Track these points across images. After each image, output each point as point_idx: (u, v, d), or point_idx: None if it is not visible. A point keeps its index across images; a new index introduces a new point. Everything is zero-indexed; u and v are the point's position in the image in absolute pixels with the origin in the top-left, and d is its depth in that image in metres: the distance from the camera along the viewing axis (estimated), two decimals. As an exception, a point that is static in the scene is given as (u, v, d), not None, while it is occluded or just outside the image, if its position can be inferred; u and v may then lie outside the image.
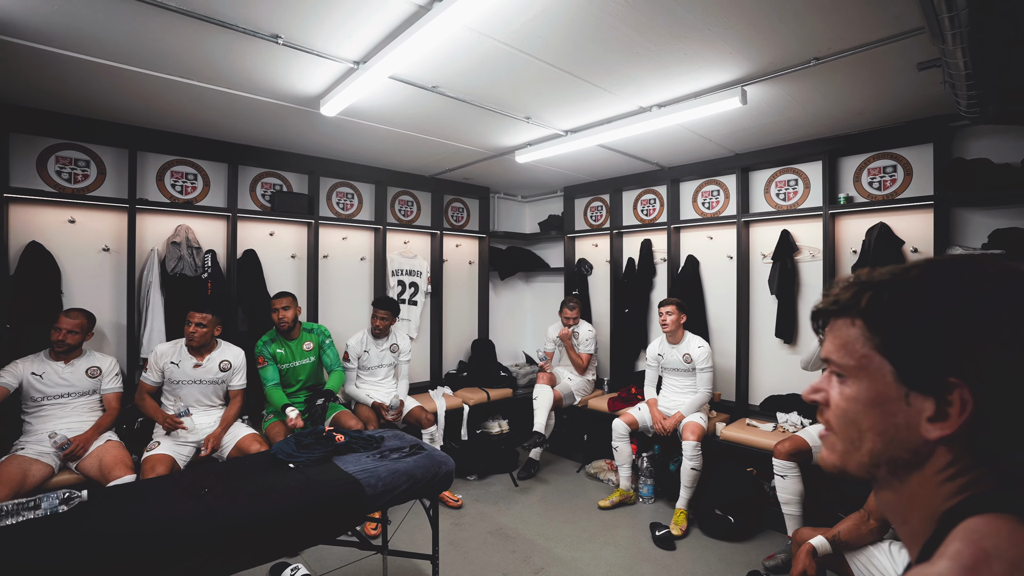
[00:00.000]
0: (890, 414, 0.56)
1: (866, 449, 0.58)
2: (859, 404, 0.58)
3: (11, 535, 1.44)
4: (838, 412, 0.61)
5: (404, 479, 1.91)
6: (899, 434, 0.56)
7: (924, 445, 0.55)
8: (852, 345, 0.59)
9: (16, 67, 2.34)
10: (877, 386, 0.57)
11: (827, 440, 0.64)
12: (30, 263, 2.86)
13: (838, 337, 0.61)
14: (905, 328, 0.56)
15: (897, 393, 0.56)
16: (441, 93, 2.62)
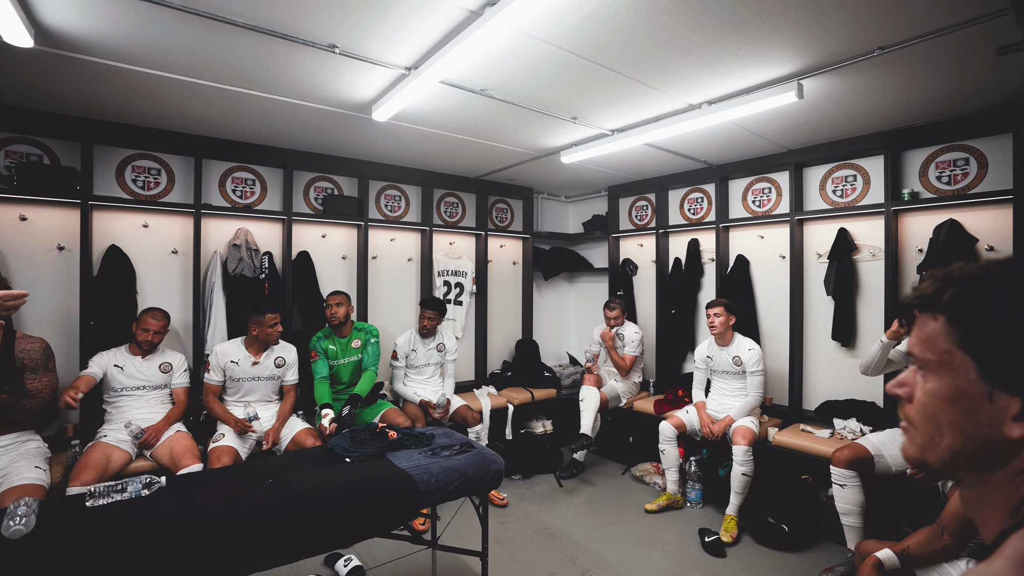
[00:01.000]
0: (971, 411, 0.56)
1: (946, 445, 0.58)
2: (939, 399, 0.58)
3: (104, 513, 1.58)
4: (918, 407, 0.61)
5: (456, 476, 1.95)
6: (980, 431, 0.55)
7: (1008, 444, 0.54)
8: (934, 340, 0.59)
9: (99, 84, 2.53)
10: (958, 382, 0.56)
11: (908, 433, 0.63)
12: (110, 265, 3.09)
13: (921, 332, 0.61)
14: (991, 326, 0.55)
15: (980, 390, 0.55)
16: (489, 96, 2.66)
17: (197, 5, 1.84)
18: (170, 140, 3.26)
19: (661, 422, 3.45)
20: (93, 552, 1.40)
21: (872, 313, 3.33)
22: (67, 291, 3.03)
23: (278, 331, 3.02)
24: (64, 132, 3.00)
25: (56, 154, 3.05)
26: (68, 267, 3.04)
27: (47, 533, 1.45)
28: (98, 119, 3.03)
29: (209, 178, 3.49)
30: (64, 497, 1.88)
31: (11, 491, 2.11)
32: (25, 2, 1.80)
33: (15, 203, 2.90)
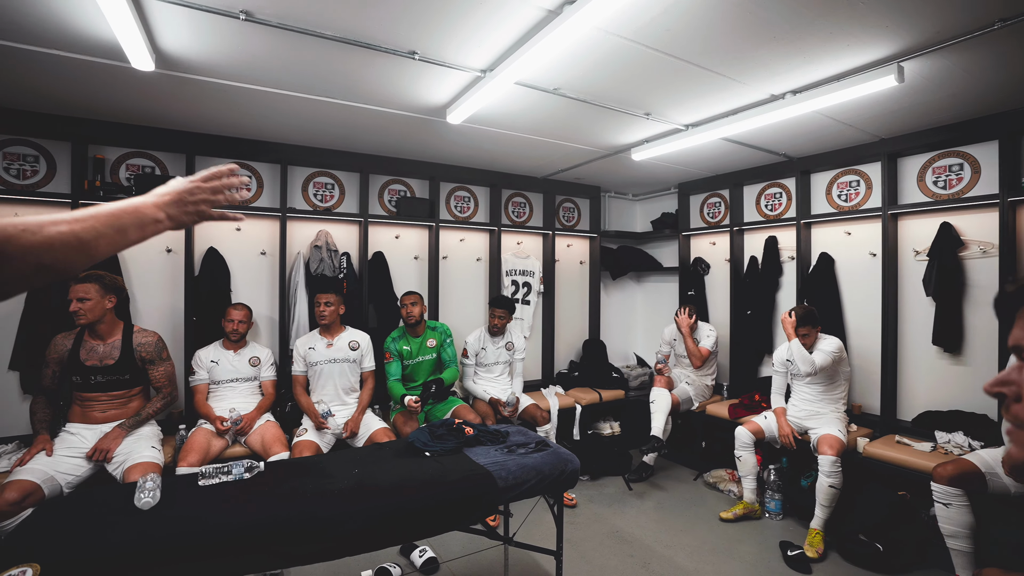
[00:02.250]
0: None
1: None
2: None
3: (213, 492, 1.73)
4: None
5: (532, 474, 1.96)
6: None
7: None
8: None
9: (203, 101, 2.76)
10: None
11: (1015, 436, 0.58)
12: (209, 266, 3.37)
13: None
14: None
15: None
16: (562, 95, 2.65)
17: (293, 22, 1.97)
18: (260, 149, 3.51)
19: (737, 428, 3.31)
20: (209, 526, 1.53)
21: (981, 316, 3.02)
22: (173, 290, 3.33)
23: (330, 310, 3.13)
24: (172, 145, 3.30)
25: (166, 165, 3.36)
26: (174, 268, 3.34)
27: (170, 506, 1.60)
28: (200, 132, 3.30)
29: (293, 183, 3.72)
30: (180, 476, 2.06)
31: (135, 467, 2.35)
32: (149, 30, 2.00)
33: (131, 210, 3.21)
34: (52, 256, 0.72)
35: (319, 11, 1.91)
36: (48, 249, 0.72)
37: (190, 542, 1.47)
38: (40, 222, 0.73)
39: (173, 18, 1.94)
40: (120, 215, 0.82)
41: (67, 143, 3.06)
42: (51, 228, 0.73)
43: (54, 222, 0.74)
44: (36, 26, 1.98)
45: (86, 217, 0.77)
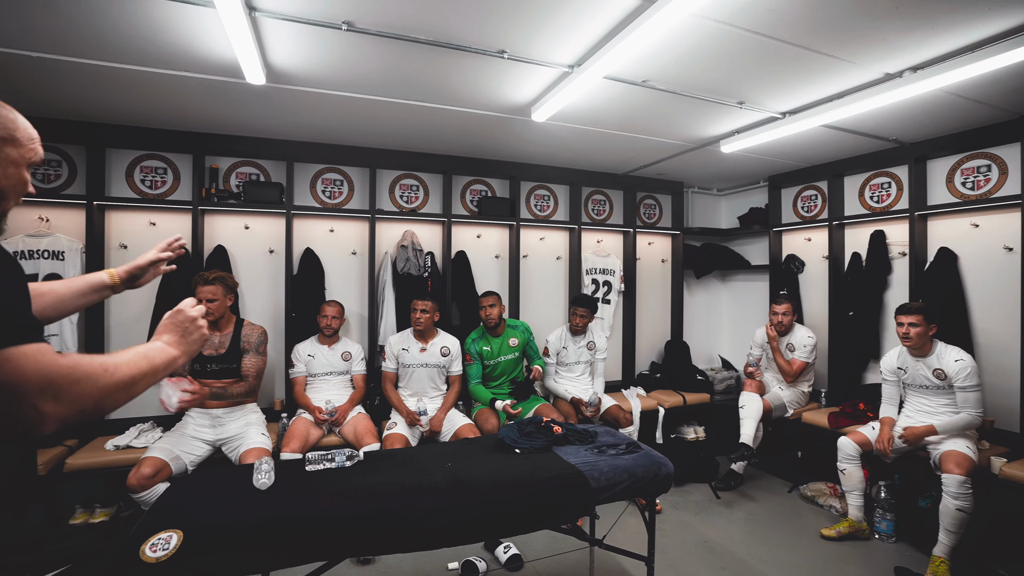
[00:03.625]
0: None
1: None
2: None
3: (318, 477, 1.84)
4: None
5: (625, 476, 1.91)
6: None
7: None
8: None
9: (301, 111, 2.95)
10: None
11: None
12: (306, 265, 3.59)
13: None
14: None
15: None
16: (650, 87, 2.57)
17: (390, 29, 2.05)
18: (351, 154, 3.70)
19: (841, 438, 3.05)
20: (318, 509, 1.62)
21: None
22: (275, 288, 3.58)
23: (426, 317, 3.21)
24: (274, 153, 3.55)
25: (268, 172, 3.63)
26: (276, 267, 3.59)
27: (283, 488, 1.72)
28: (297, 140, 3.53)
29: (381, 186, 3.88)
30: (286, 460, 2.21)
31: (249, 451, 2.56)
32: (262, 46, 2.16)
33: (241, 214, 3.52)
34: (112, 397, 0.83)
35: (415, 16, 1.97)
36: (117, 388, 0.83)
37: (302, 522, 1.56)
38: (113, 362, 0.84)
39: (282, 33, 2.07)
40: (154, 358, 0.95)
41: (189, 155, 3.39)
42: (122, 371, 0.84)
43: (120, 364, 0.85)
44: (168, 52, 2.20)
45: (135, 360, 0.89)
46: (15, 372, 0.70)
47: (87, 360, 0.79)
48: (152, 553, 1.36)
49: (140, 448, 2.78)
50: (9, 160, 0.91)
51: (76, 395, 0.75)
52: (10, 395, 0.69)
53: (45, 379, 0.72)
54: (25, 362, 0.71)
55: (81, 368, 0.77)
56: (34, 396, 0.71)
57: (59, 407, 0.73)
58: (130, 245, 3.30)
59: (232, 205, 3.38)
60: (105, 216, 3.27)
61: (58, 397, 0.73)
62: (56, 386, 0.73)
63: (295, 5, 1.89)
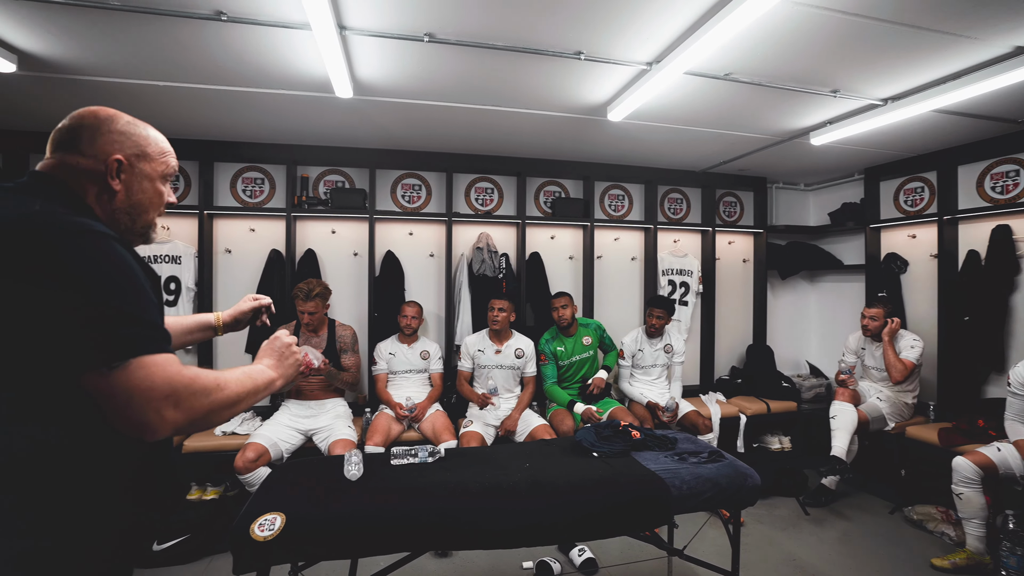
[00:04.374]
0: None
1: None
2: None
3: (404, 471, 1.93)
4: None
5: (708, 486, 1.84)
6: None
7: None
8: None
9: (384, 119, 3.09)
10: None
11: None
12: (387, 268, 3.77)
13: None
14: None
15: None
16: (733, 80, 2.46)
17: (469, 38, 2.10)
18: (429, 160, 3.83)
19: (956, 459, 2.75)
20: (404, 503, 1.70)
21: None
22: (359, 289, 3.79)
23: (503, 316, 3.28)
24: (357, 161, 3.76)
25: (352, 179, 3.84)
26: (359, 270, 3.80)
27: (370, 479, 1.82)
28: (379, 148, 3.71)
29: (457, 190, 3.99)
30: (371, 453, 2.33)
31: (337, 443, 2.74)
32: (350, 61, 2.29)
33: (328, 220, 3.75)
34: (220, 413, 0.89)
35: (493, 24, 2.01)
36: (225, 405, 0.90)
37: (389, 515, 1.64)
38: (225, 379, 0.91)
39: (368, 48, 2.19)
40: (257, 380, 1.02)
41: (283, 166, 3.66)
42: (231, 389, 0.91)
43: (231, 381, 0.92)
44: (268, 72, 2.39)
45: (241, 380, 0.96)
46: (147, 379, 0.77)
47: (204, 374, 0.87)
48: (260, 532, 1.49)
49: (243, 435, 3.04)
50: (144, 175, 0.97)
51: (192, 406, 0.82)
52: (140, 399, 0.77)
53: (170, 387, 0.79)
54: (156, 370, 0.78)
55: (199, 382, 0.84)
56: (159, 402, 0.78)
57: (177, 414, 0.80)
58: (233, 249, 3.63)
59: (320, 211, 3.61)
60: (213, 223, 3.60)
61: (178, 405, 0.80)
62: (178, 395, 0.80)
63: (380, 21, 1.99)
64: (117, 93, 2.62)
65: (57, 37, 2.09)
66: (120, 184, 0.94)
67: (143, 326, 0.80)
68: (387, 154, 3.76)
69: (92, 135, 0.92)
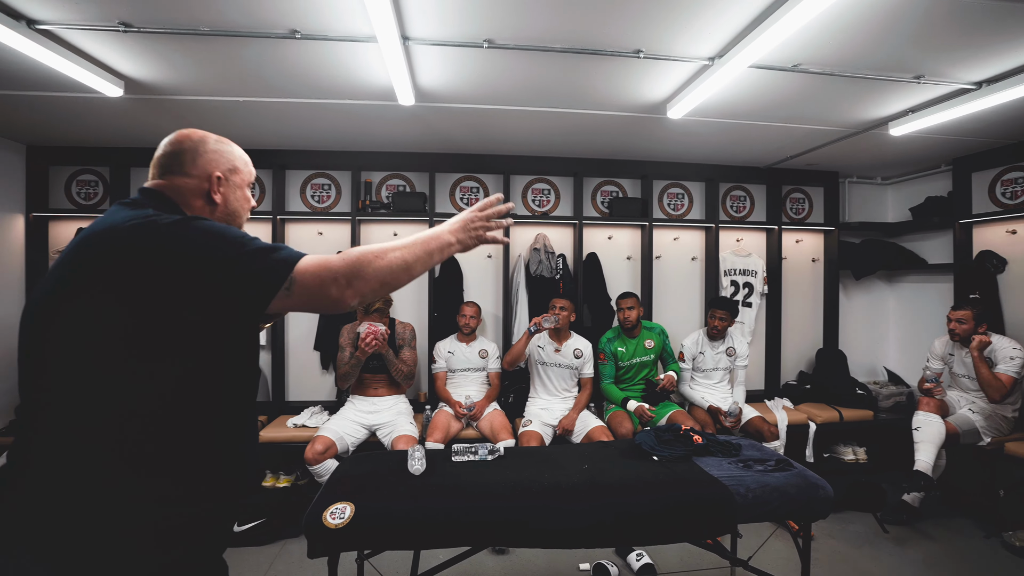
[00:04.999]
0: None
1: None
2: None
3: (464, 468, 1.98)
4: None
5: (775, 495, 1.77)
6: None
7: None
8: None
9: (443, 125, 3.17)
10: None
11: None
12: (446, 269, 3.87)
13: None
14: None
15: None
16: (803, 70, 2.35)
17: (528, 42, 2.13)
18: (486, 162, 3.90)
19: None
20: (465, 499, 1.74)
21: None
22: (419, 289, 3.90)
23: (564, 315, 3.28)
24: (417, 166, 3.88)
25: (413, 183, 3.97)
26: (420, 270, 3.91)
27: (432, 475, 1.88)
28: (438, 152, 3.82)
29: (514, 191, 4.03)
30: (438, 450, 2.39)
31: (399, 438, 2.84)
32: (412, 71, 2.38)
33: (390, 223, 3.90)
34: (392, 276, 0.99)
35: (552, 27, 2.03)
36: (390, 271, 0.98)
37: (451, 510, 1.69)
38: (383, 249, 0.98)
39: (430, 56, 2.26)
40: (429, 242, 1.06)
41: (348, 171, 3.84)
42: (392, 255, 0.99)
43: (392, 249, 0.99)
44: (335, 84, 2.52)
45: (410, 245, 1.02)
46: (314, 278, 0.91)
47: (358, 250, 0.97)
48: (332, 520, 1.58)
49: (312, 428, 3.21)
50: (235, 185, 1.13)
51: (360, 274, 0.94)
52: (319, 294, 0.92)
53: (331, 273, 0.92)
54: (312, 267, 0.92)
55: (352, 255, 0.96)
56: (331, 286, 0.92)
57: (350, 291, 0.94)
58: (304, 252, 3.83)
59: (383, 215, 3.76)
60: (285, 228, 3.83)
61: (350, 283, 0.93)
62: (347, 274, 0.93)
63: (442, 30, 2.05)
64: (204, 110, 2.85)
65: (156, 63, 2.30)
66: (220, 196, 1.09)
67: (275, 248, 0.93)
68: (446, 158, 3.85)
69: (193, 157, 1.06)
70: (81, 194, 3.76)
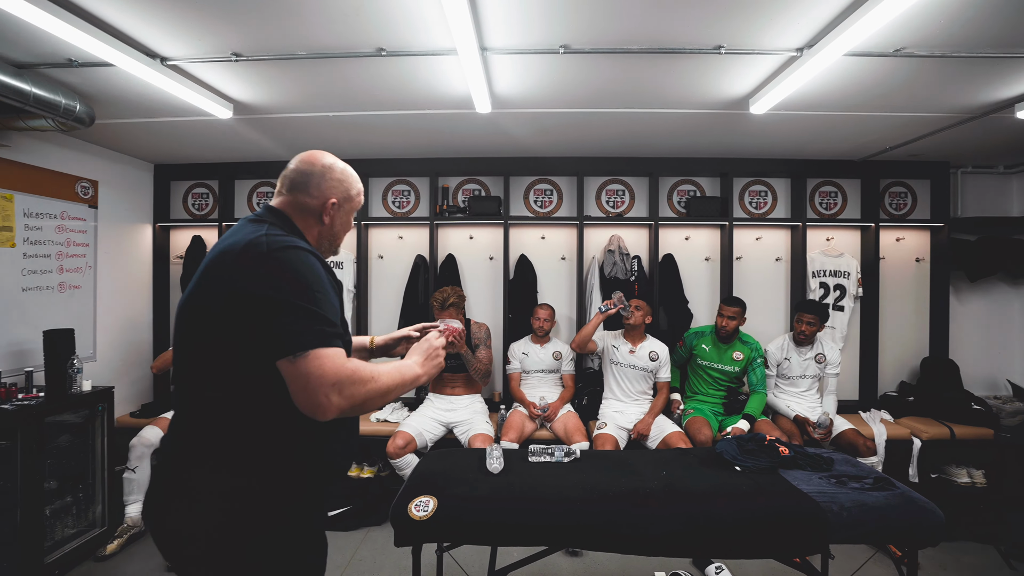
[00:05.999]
0: None
1: None
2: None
3: (540, 468, 2.02)
4: None
5: (874, 516, 1.65)
6: None
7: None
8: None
9: (516, 129, 3.23)
10: None
11: None
12: (520, 271, 3.93)
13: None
14: None
15: None
16: (907, 55, 2.16)
17: (604, 45, 2.13)
18: (559, 165, 3.91)
19: None
20: (542, 499, 1.78)
21: None
22: (494, 291, 4.00)
23: (640, 316, 3.26)
24: (493, 170, 3.96)
25: (488, 187, 4.07)
26: (495, 273, 4.01)
27: (510, 473, 1.93)
28: (510, 157, 3.88)
29: (588, 193, 4.02)
30: (513, 450, 2.45)
31: (476, 436, 2.93)
32: (489, 80, 2.45)
33: (466, 226, 4.02)
34: (376, 402, 1.05)
35: (629, 29, 2.01)
36: (380, 396, 1.05)
37: (528, 509, 1.73)
38: (377, 375, 1.05)
39: (506, 65, 2.31)
40: (404, 372, 1.16)
41: (426, 177, 4.00)
42: (381, 381, 1.06)
43: (380, 376, 1.07)
44: (416, 95, 2.64)
45: (390, 372, 1.10)
46: (319, 368, 0.95)
47: (363, 367, 1.03)
48: (416, 512, 1.67)
49: (393, 423, 3.38)
50: (345, 211, 1.26)
51: (352, 393, 0.98)
52: (314, 384, 0.95)
53: (336, 377, 0.96)
54: (327, 362, 0.97)
55: (359, 373, 1.01)
56: (327, 388, 0.95)
57: (340, 400, 0.97)
58: (384, 255, 4.05)
59: (460, 218, 3.88)
60: (368, 232, 4.06)
61: (341, 392, 0.96)
62: (341, 384, 0.97)
63: (518, 39, 2.09)
64: (298, 125, 3.10)
65: (259, 86, 2.53)
66: (329, 218, 1.22)
67: (322, 323, 0.99)
68: (520, 161, 3.91)
69: (318, 182, 1.20)
70: (195, 205, 4.20)
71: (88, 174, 3.41)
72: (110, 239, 3.61)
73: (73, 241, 3.28)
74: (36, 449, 2.44)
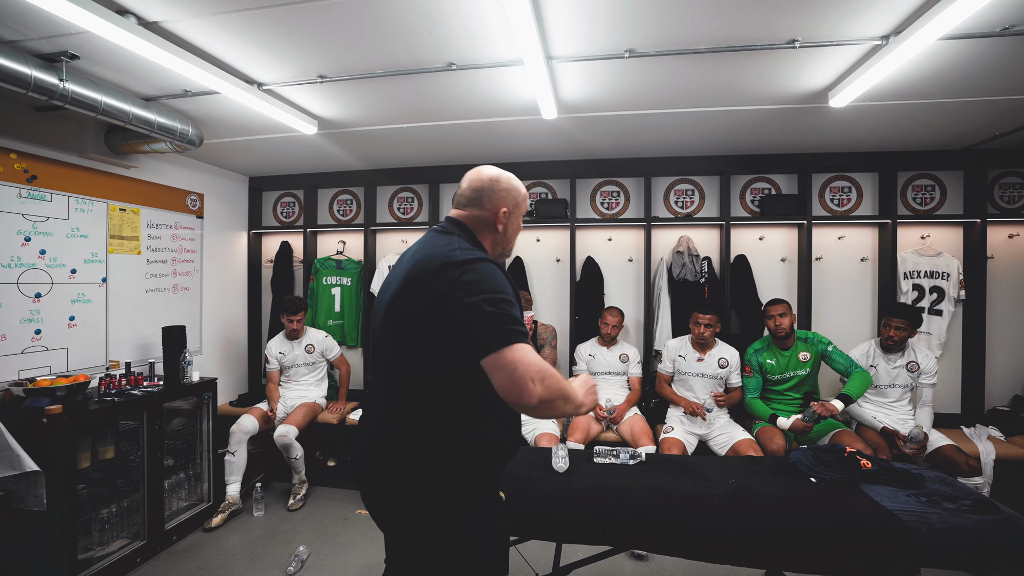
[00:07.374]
0: None
1: None
2: None
3: (605, 470, 2.04)
4: None
5: (970, 541, 1.53)
6: None
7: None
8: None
9: (582, 133, 3.24)
10: None
11: None
12: (587, 273, 3.95)
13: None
14: None
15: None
16: (1015, 33, 1.97)
17: (669, 47, 2.12)
18: (625, 166, 3.88)
19: None
20: (608, 500, 1.80)
21: None
22: (561, 293, 4.04)
23: (709, 331, 3.16)
24: (559, 173, 4.00)
25: (554, 190, 4.11)
26: (562, 274, 4.05)
27: (575, 473, 1.97)
28: (577, 160, 3.89)
29: (656, 194, 3.95)
30: (579, 450, 2.48)
31: (542, 436, 3.00)
32: (555, 86, 2.50)
33: (534, 229, 4.09)
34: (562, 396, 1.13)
35: (694, 30, 1.99)
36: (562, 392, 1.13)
37: (593, 509, 1.76)
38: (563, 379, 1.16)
39: (571, 72, 2.35)
40: (574, 398, 1.21)
41: (494, 183, 4.10)
42: (567, 386, 1.16)
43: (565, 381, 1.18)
44: (483, 104, 2.74)
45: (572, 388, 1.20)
46: (524, 358, 1.06)
47: (553, 368, 1.14)
48: (485, 505, 1.75)
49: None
50: (514, 217, 1.41)
51: (550, 385, 1.08)
52: (521, 371, 1.05)
53: (538, 367, 1.07)
54: (531, 354, 1.08)
55: (552, 369, 1.12)
56: (532, 374, 1.05)
57: (541, 389, 1.06)
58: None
59: (527, 221, 3.95)
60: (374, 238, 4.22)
61: (543, 381, 1.06)
62: (542, 373, 1.07)
63: (583, 46, 2.13)
64: (375, 137, 3.30)
65: (341, 103, 2.74)
66: (502, 226, 1.38)
67: (519, 324, 1.13)
68: (586, 164, 3.92)
69: (489, 195, 1.37)
70: (283, 213, 4.57)
71: (196, 188, 3.82)
72: (213, 245, 4.02)
73: (184, 248, 3.71)
74: (158, 430, 2.80)
